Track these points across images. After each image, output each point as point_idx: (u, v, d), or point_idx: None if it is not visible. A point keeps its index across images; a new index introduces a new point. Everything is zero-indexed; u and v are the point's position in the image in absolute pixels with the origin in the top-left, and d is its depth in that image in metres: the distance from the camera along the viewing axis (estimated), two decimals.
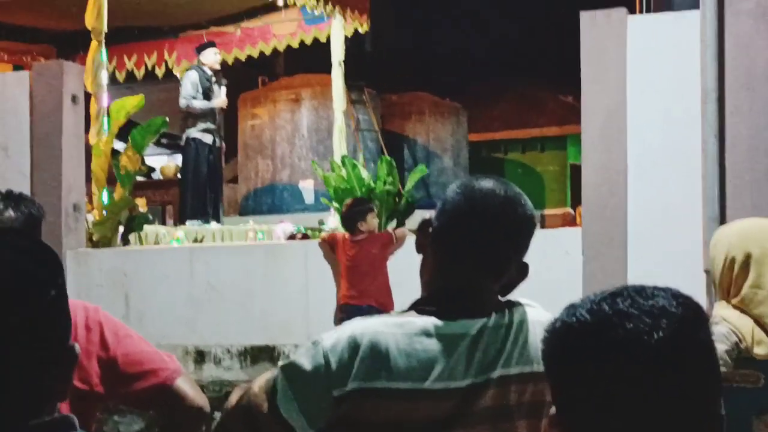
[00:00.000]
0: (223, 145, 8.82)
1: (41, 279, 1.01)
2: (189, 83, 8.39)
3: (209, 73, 8.55)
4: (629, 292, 0.97)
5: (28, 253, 1.03)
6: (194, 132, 8.35)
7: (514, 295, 1.64)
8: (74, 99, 6.34)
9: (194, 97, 8.33)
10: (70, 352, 1.04)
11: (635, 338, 0.92)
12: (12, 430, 0.97)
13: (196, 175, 8.35)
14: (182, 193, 8.64)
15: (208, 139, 8.40)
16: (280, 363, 1.59)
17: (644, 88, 4.84)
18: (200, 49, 8.85)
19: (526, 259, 1.63)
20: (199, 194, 8.38)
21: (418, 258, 1.66)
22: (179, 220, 8.49)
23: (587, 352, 0.94)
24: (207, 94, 8.42)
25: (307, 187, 10.78)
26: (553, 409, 1.00)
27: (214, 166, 8.56)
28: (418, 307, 1.59)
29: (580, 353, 0.95)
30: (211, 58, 8.62)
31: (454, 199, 1.60)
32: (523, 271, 1.61)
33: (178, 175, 9.26)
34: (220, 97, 8.50)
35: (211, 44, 8.96)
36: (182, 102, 8.32)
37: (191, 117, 8.37)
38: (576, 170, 11.38)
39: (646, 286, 0.99)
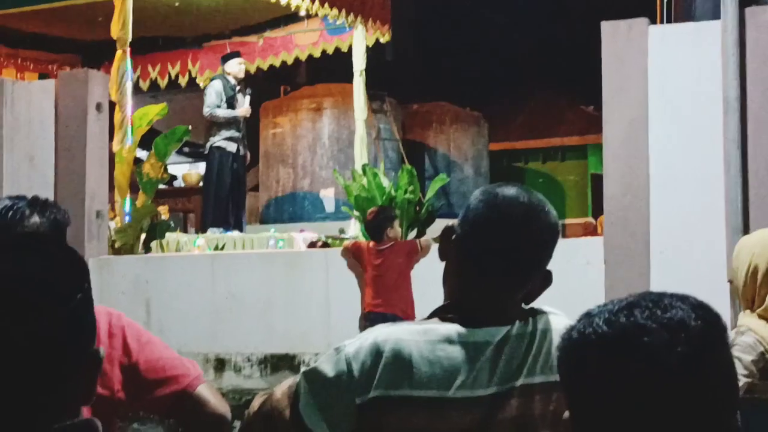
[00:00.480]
0: (248, 154, 8.87)
1: (68, 283, 1.02)
2: (213, 92, 8.45)
3: (233, 82, 8.61)
4: (647, 302, 0.96)
5: (55, 258, 1.04)
6: (218, 141, 8.39)
7: (536, 304, 1.63)
8: (99, 107, 6.40)
9: (218, 106, 8.38)
10: (94, 356, 1.05)
11: (653, 353, 0.91)
12: None
13: (219, 184, 8.39)
14: (204, 201, 8.69)
15: (232, 147, 8.44)
16: (303, 369, 1.59)
17: (666, 98, 4.82)
18: (225, 58, 8.93)
19: (549, 268, 1.62)
20: (220, 203, 8.41)
21: (441, 267, 1.65)
22: (201, 229, 8.52)
23: (604, 365, 0.93)
24: (231, 104, 8.48)
25: (328, 196, 10.79)
26: (566, 414, 0.99)
27: (238, 174, 8.60)
28: (441, 314, 1.58)
29: (596, 366, 0.94)
30: (236, 67, 8.68)
31: (478, 206, 1.59)
32: (546, 279, 1.60)
33: (201, 184, 9.30)
34: (244, 106, 8.55)
35: (236, 54, 9.03)
36: (206, 111, 8.38)
37: (215, 126, 8.42)
38: (597, 180, 11.32)
39: (665, 295, 0.97)
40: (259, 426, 1.60)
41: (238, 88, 8.64)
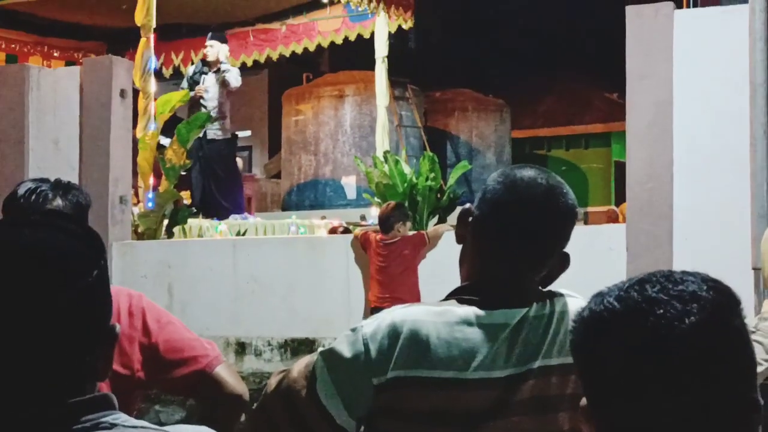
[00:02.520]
0: (218, 136, 8.57)
1: (85, 259, 1.03)
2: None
3: (200, 65, 8.67)
4: (658, 278, 0.95)
5: (73, 234, 1.04)
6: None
7: (557, 290, 1.62)
8: (123, 93, 6.44)
9: (183, 88, 8.33)
10: (110, 331, 1.06)
11: (666, 325, 0.90)
12: (52, 407, 0.99)
13: (195, 171, 8.27)
14: (193, 190, 8.52)
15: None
16: (320, 349, 1.59)
17: (691, 83, 4.76)
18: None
19: (570, 253, 1.60)
20: (205, 191, 8.31)
21: (457, 251, 1.64)
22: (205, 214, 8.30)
23: (616, 340, 0.92)
24: (190, 86, 8.47)
25: (350, 183, 10.80)
26: (584, 401, 0.98)
27: (207, 159, 8.34)
28: (458, 296, 1.58)
29: (609, 342, 0.93)
30: (205, 50, 8.71)
31: (495, 188, 1.58)
32: (564, 262, 1.59)
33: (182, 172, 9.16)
34: (213, 89, 8.43)
35: (217, 36, 8.99)
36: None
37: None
38: (620, 168, 11.24)
39: (675, 271, 0.96)
40: (275, 405, 1.60)
41: (207, 70, 8.59)
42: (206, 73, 8.62)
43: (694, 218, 4.64)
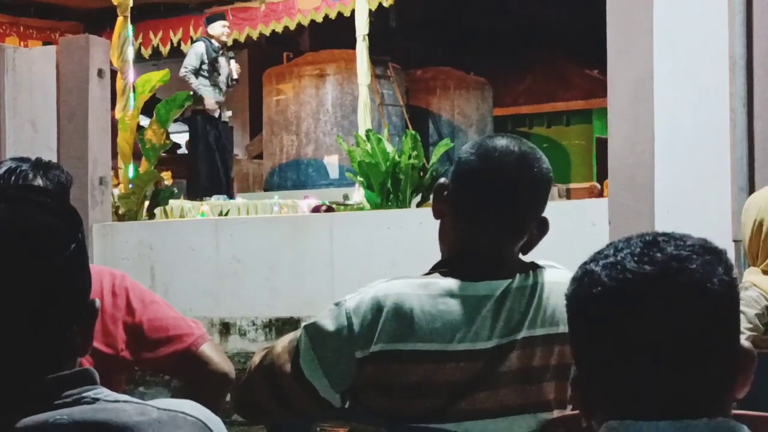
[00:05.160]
0: (228, 119, 8.86)
1: (61, 233, 1.01)
2: (194, 54, 8.47)
3: (216, 45, 8.58)
4: (662, 237, 0.96)
5: (49, 209, 1.03)
6: (199, 105, 8.38)
7: (537, 257, 1.62)
8: (100, 73, 6.36)
9: (198, 69, 8.34)
10: (90, 307, 1.05)
11: (701, 279, 0.92)
12: (29, 383, 0.98)
13: (207, 150, 8.38)
14: (193, 168, 8.66)
15: (213, 112, 8.44)
16: (303, 324, 1.59)
17: (672, 58, 4.77)
18: (210, 20, 8.93)
19: (553, 228, 1.60)
20: (213, 169, 8.41)
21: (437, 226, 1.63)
22: (193, 195, 8.45)
23: (655, 303, 0.92)
24: (213, 66, 8.46)
25: (332, 162, 10.77)
26: (574, 371, 0.98)
27: (220, 139, 8.57)
28: (440, 269, 1.57)
29: (644, 306, 0.92)
30: (219, 30, 8.69)
31: (470, 159, 1.57)
32: (543, 227, 1.59)
33: (185, 150, 9.31)
34: (228, 68, 8.50)
35: (221, 16, 9.00)
36: (182, 71, 8.36)
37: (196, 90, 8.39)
38: (602, 144, 11.24)
39: (657, 233, 0.97)
40: (260, 380, 1.60)
41: (221, 51, 8.60)
42: (224, 56, 8.61)
43: (676, 192, 4.66)
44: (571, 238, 3.52)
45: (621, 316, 0.92)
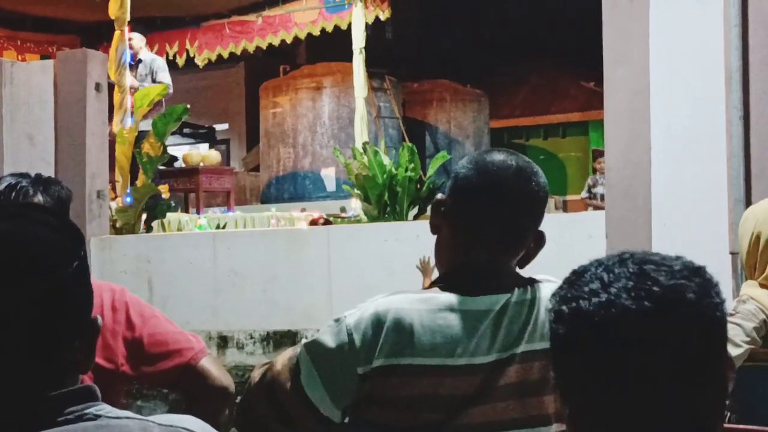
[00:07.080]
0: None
1: (63, 250, 1.02)
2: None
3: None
4: (648, 258, 0.96)
5: (51, 226, 1.03)
6: None
7: (534, 271, 1.62)
8: (98, 87, 6.37)
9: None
10: (92, 324, 1.05)
11: (699, 305, 0.92)
12: (32, 399, 0.98)
13: None
14: None
15: None
16: (304, 341, 1.58)
17: (668, 70, 4.78)
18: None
19: (550, 241, 1.60)
20: None
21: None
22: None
23: (640, 337, 0.91)
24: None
25: (329, 175, 10.78)
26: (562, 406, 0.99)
27: None
28: (439, 284, 1.58)
29: (624, 339, 0.92)
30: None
31: (467, 174, 1.57)
32: (540, 241, 1.59)
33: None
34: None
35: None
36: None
37: None
38: (598, 156, 11.24)
39: (635, 256, 0.97)
40: (260, 397, 1.59)
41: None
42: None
43: (673, 204, 4.67)
44: (568, 251, 3.52)
45: (625, 355, 0.91)
